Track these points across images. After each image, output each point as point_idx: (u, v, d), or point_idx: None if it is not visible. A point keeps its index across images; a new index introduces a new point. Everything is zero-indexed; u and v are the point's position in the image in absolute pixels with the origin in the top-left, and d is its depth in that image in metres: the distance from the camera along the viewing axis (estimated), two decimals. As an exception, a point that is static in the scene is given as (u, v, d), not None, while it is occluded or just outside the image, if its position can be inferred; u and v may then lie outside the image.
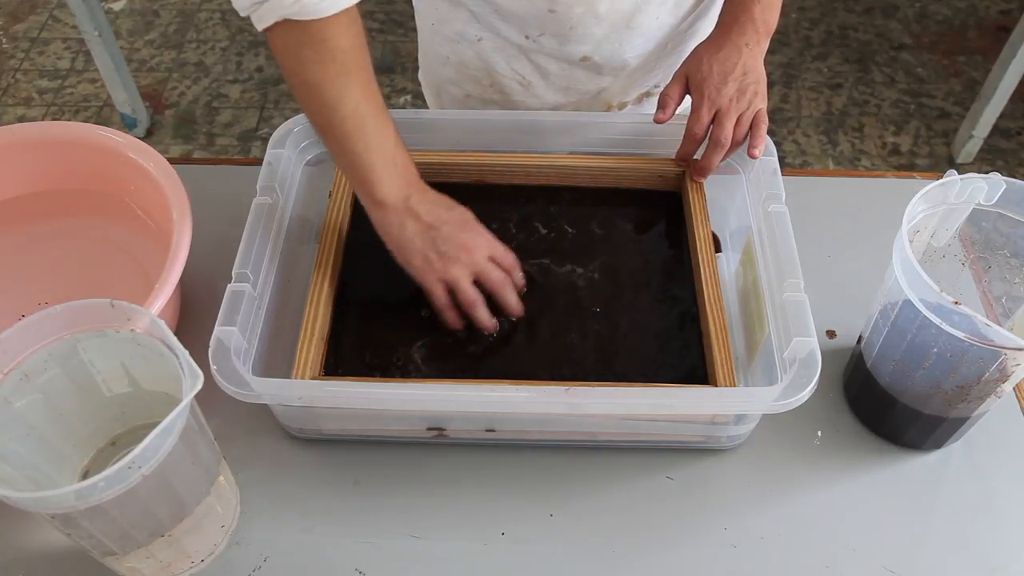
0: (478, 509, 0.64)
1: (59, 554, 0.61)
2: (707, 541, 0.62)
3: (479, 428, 0.66)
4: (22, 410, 0.56)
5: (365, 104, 0.64)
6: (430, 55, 0.90)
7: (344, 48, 0.62)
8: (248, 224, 0.68)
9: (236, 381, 0.59)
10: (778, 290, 0.64)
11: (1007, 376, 0.59)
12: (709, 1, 0.84)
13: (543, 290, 0.71)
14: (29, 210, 0.79)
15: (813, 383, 0.58)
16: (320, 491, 0.65)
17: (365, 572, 0.61)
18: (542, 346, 0.68)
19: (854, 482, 0.66)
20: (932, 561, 0.62)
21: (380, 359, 0.67)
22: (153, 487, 0.51)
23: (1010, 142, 2.04)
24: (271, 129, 2.06)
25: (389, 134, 0.66)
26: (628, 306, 0.70)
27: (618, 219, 0.77)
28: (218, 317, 0.61)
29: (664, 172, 0.78)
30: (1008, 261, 0.68)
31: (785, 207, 0.69)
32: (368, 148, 0.65)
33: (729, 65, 0.72)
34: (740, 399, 0.61)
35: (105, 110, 2.11)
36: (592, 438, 0.67)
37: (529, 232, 0.75)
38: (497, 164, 0.78)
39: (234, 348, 0.60)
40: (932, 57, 2.24)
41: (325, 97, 0.63)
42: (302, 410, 0.64)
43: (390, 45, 2.26)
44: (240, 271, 0.65)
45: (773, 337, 0.64)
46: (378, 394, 0.60)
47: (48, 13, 2.37)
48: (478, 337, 0.68)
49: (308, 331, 0.65)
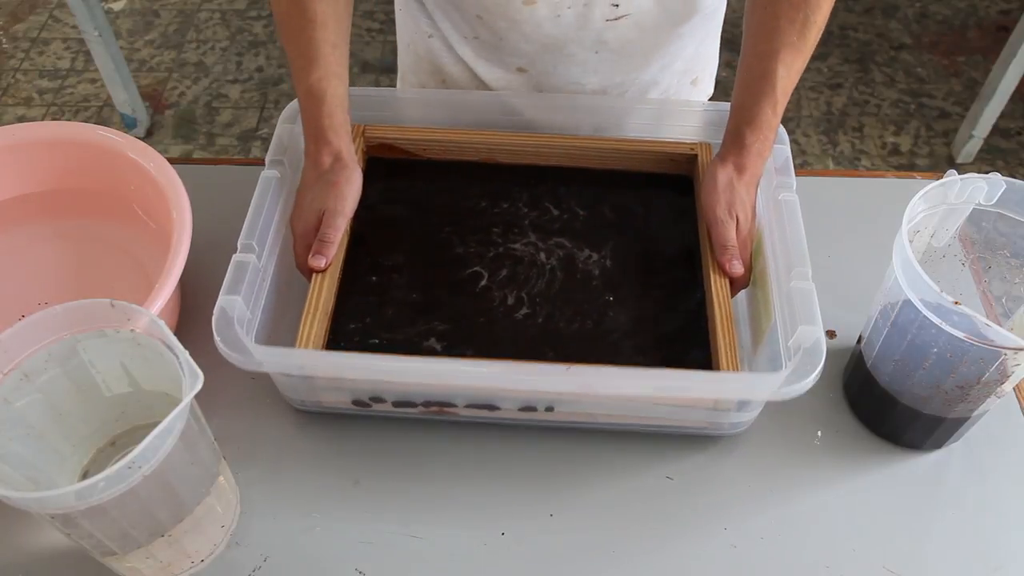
0: (478, 509, 0.64)
1: (59, 554, 0.61)
2: (707, 541, 0.62)
3: (480, 405, 0.65)
4: (22, 410, 0.56)
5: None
6: (401, 43, 0.91)
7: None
8: (255, 196, 0.68)
9: (239, 348, 0.58)
10: (786, 279, 0.65)
11: (1007, 376, 0.59)
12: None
13: (550, 274, 0.71)
14: (29, 210, 0.79)
15: (817, 371, 0.58)
16: (320, 491, 0.65)
17: (365, 572, 0.61)
18: (547, 329, 0.67)
19: (854, 482, 0.66)
20: (932, 561, 0.62)
21: (383, 337, 0.67)
22: (153, 487, 0.51)
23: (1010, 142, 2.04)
24: (271, 129, 2.06)
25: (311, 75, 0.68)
26: (637, 292, 0.70)
27: (628, 202, 0.76)
28: (222, 286, 0.61)
29: (675, 155, 0.78)
30: (1008, 261, 0.68)
31: (795, 196, 0.69)
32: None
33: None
34: (744, 384, 0.61)
35: (105, 110, 2.11)
36: (592, 419, 0.67)
37: (541, 212, 0.75)
38: (507, 143, 0.78)
39: (237, 317, 0.60)
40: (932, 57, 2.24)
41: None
42: (303, 381, 0.64)
43: (390, 45, 2.26)
44: (246, 242, 0.65)
45: (779, 325, 0.64)
46: (379, 365, 0.60)
47: (48, 13, 2.37)
48: (484, 318, 0.68)
49: (312, 306, 0.65)
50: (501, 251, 0.72)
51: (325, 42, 0.68)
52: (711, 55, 0.88)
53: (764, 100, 0.68)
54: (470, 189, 0.76)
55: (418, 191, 0.77)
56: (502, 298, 0.68)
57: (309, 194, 0.68)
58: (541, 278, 0.70)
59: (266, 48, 2.28)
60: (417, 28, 0.84)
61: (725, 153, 0.70)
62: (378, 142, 0.78)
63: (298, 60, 0.69)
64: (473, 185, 0.77)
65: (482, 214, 0.75)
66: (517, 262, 0.71)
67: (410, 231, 0.73)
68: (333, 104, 0.68)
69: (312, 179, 0.69)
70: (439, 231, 0.73)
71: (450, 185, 0.77)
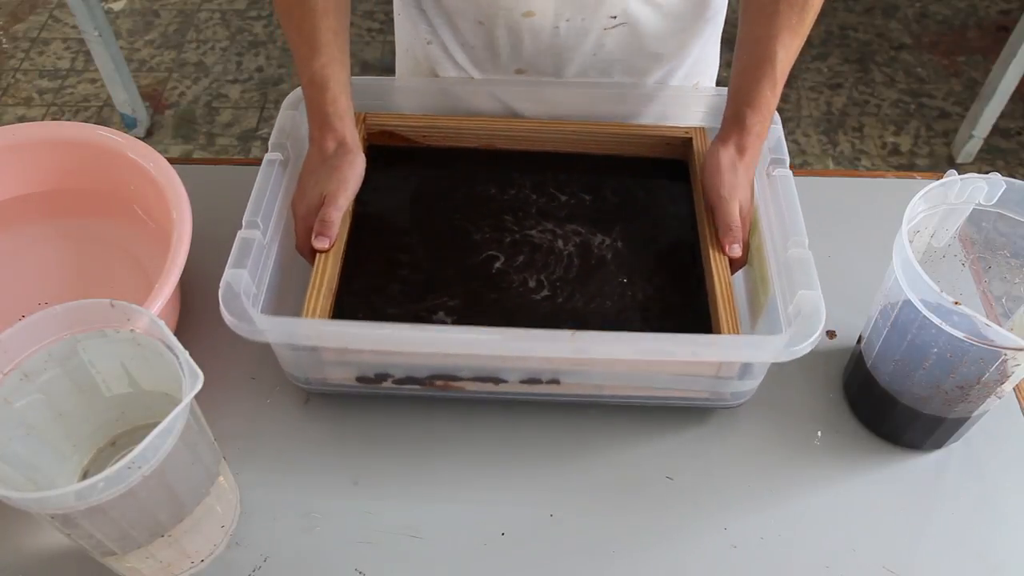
0: (478, 509, 0.64)
1: (59, 554, 0.61)
2: (707, 541, 0.62)
3: (486, 378, 0.65)
4: (22, 410, 0.56)
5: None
6: (399, 48, 0.91)
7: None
8: (259, 177, 0.69)
9: (245, 319, 0.59)
10: (782, 248, 0.65)
11: (1007, 376, 0.59)
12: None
13: (568, 259, 0.71)
14: (29, 210, 0.79)
15: (817, 333, 0.59)
16: (320, 491, 0.65)
17: (365, 572, 0.61)
18: (560, 307, 0.68)
19: (854, 482, 0.66)
20: (932, 561, 0.62)
21: (390, 314, 0.67)
22: (153, 487, 0.51)
23: (1010, 142, 2.04)
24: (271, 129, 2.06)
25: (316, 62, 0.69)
26: (645, 272, 0.71)
27: (628, 186, 0.77)
28: (228, 261, 0.62)
29: (671, 139, 0.79)
30: (1008, 261, 0.68)
31: (789, 171, 0.70)
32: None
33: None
34: (747, 347, 0.62)
35: (105, 110, 2.11)
36: (598, 391, 0.67)
37: (549, 198, 0.76)
38: (506, 129, 0.79)
39: (243, 290, 0.61)
40: (932, 57, 2.24)
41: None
42: (309, 355, 0.64)
43: (389, 45, 2.26)
44: (250, 219, 0.65)
45: (777, 293, 0.65)
46: (384, 335, 0.60)
47: (48, 13, 2.37)
48: (488, 296, 0.68)
49: (316, 283, 0.66)
50: (518, 237, 0.73)
51: (328, 30, 0.69)
52: (712, 59, 0.88)
53: (765, 82, 0.69)
54: (472, 175, 0.78)
55: (420, 177, 0.78)
56: (521, 280, 0.69)
57: (312, 178, 0.69)
58: (559, 264, 0.71)
59: (266, 48, 2.28)
60: (416, 34, 0.84)
61: (726, 135, 0.71)
62: (379, 129, 0.79)
63: (301, 48, 0.70)
64: (474, 171, 0.78)
65: (487, 199, 0.76)
66: (535, 248, 0.72)
67: (414, 216, 0.74)
68: (337, 90, 0.69)
69: (316, 163, 0.69)
70: (446, 215, 0.74)
71: (451, 172, 0.78)
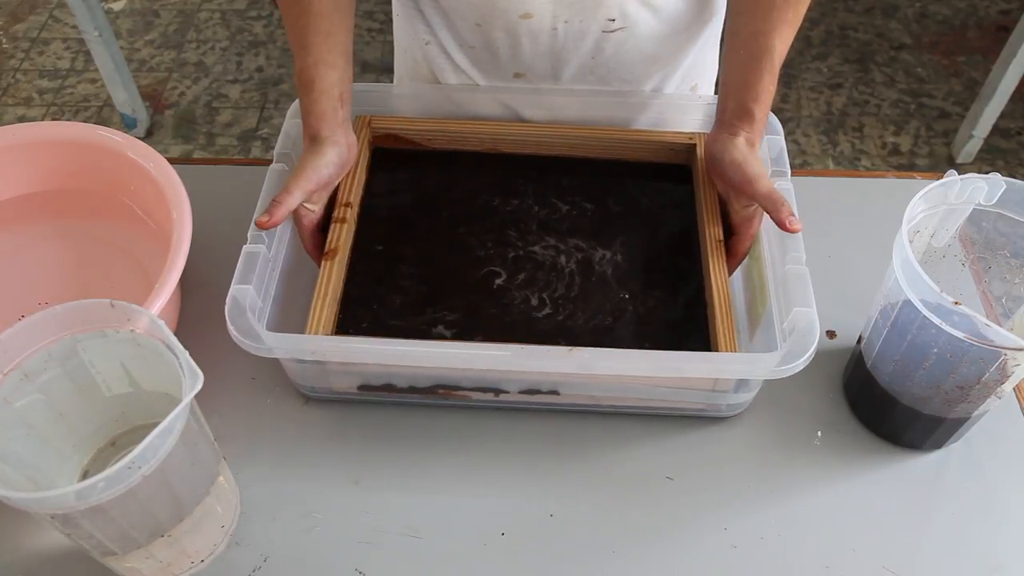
0: (478, 509, 0.64)
1: (59, 554, 0.61)
2: (707, 541, 0.62)
3: (487, 389, 0.66)
4: (22, 410, 0.56)
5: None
6: (398, 48, 0.91)
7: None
8: (264, 189, 0.69)
9: (252, 336, 0.60)
10: (780, 263, 0.66)
11: (1007, 376, 0.59)
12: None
13: (568, 277, 0.71)
14: (29, 210, 0.79)
15: (811, 351, 0.60)
16: (320, 491, 0.65)
17: (365, 572, 0.61)
18: (559, 323, 0.68)
19: (854, 482, 0.66)
20: (932, 561, 0.62)
21: (392, 326, 0.67)
22: (153, 487, 0.51)
23: (1010, 142, 2.04)
24: (271, 129, 2.06)
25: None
26: (645, 285, 0.71)
27: (630, 192, 0.77)
28: (234, 276, 0.63)
29: (674, 144, 0.78)
30: (1008, 261, 0.68)
31: (791, 184, 0.70)
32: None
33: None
34: (742, 364, 0.62)
35: (105, 110, 2.11)
36: (596, 402, 0.68)
37: (551, 209, 0.76)
38: (510, 133, 0.80)
39: (249, 305, 0.61)
40: (932, 57, 2.24)
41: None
42: (314, 367, 0.65)
43: (389, 45, 2.26)
44: (255, 233, 0.66)
45: (774, 308, 0.65)
46: (388, 350, 0.61)
47: (48, 13, 2.37)
48: (494, 306, 0.68)
49: (321, 293, 0.66)
50: (521, 253, 0.72)
51: (318, 31, 0.69)
52: (710, 61, 0.88)
53: (766, 76, 0.70)
54: (476, 180, 0.78)
55: (425, 180, 0.78)
56: (523, 298, 0.69)
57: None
58: (561, 282, 0.71)
59: (266, 48, 2.28)
60: (415, 35, 0.84)
61: (733, 129, 0.71)
62: (384, 132, 0.79)
63: (294, 47, 0.71)
64: (478, 175, 0.78)
65: (491, 209, 0.76)
66: (537, 265, 0.71)
67: (419, 224, 0.74)
68: (320, 91, 0.69)
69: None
70: (450, 226, 0.74)
71: (455, 175, 0.78)
